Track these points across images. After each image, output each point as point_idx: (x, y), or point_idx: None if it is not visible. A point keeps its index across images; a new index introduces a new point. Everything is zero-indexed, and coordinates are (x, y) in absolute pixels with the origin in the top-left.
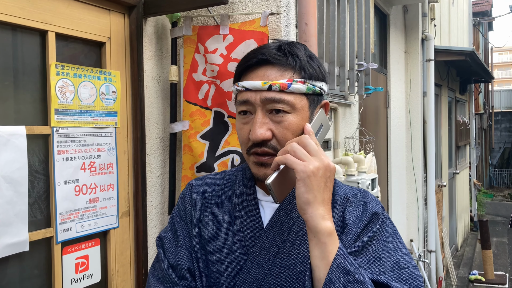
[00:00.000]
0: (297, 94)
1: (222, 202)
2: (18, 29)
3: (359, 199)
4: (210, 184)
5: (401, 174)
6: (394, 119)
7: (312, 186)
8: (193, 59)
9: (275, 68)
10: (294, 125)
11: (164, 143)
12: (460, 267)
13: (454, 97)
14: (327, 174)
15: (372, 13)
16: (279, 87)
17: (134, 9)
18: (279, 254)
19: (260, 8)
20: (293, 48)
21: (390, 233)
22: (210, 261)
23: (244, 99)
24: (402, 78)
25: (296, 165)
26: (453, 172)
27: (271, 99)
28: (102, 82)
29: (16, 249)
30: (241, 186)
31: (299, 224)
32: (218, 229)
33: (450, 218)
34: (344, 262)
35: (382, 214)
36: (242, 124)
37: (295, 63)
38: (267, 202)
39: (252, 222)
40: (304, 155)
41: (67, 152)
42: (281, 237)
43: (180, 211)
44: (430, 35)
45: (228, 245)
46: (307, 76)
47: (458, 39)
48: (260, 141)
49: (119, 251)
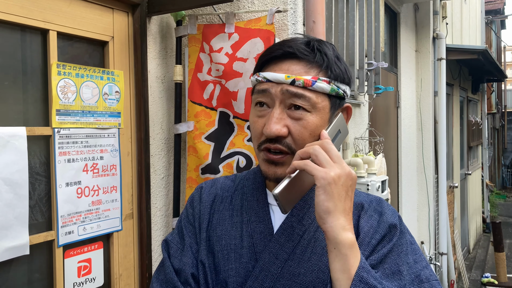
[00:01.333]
0: (319, 93)
1: (232, 206)
2: (18, 28)
3: (375, 208)
4: (220, 187)
5: (411, 175)
6: (405, 119)
7: (333, 194)
8: (198, 58)
9: (301, 64)
10: (312, 125)
11: (169, 144)
12: (472, 270)
13: (466, 96)
14: (348, 182)
15: (382, 11)
16: (302, 83)
17: (138, 8)
18: (288, 261)
19: (266, 5)
20: (322, 46)
21: (409, 244)
22: (218, 267)
23: (263, 88)
24: (413, 78)
25: (317, 172)
26: (465, 173)
27: (292, 93)
28: (105, 82)
29: (16, 252)
30: (251, 190)
31: (311, 231)
32: (227, 233)
33: (462, 220)
34: (366, 276)
35: (400, 225)
36: (257, 117)
37: (323, 61)
38: (277, 206)
39: (262, 227)
40: (326, 160)
41: (68, 153)
42: (291, 244)
43: (188, 214)
44: (442, 34)
45: (237, 250)
46: (333, 76)
47: (470, 38)
48: (275, 137)
49: (122, 254)
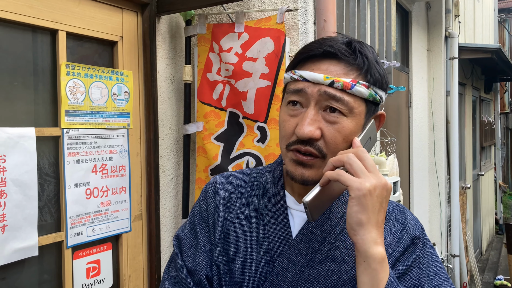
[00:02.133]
0: (357, 98)
1: (248, 205)
2: (27, 28)
3: (397, 217)
4: (236, 183)
5: (423, 176)
6: (416, 119)
7: (367, 206)
8: (207, 58)
9: (341, 65)
10: (347, 130)
11: (178, 144)
12: (485, 272)
13: (478, 96)
14: (383, 194)
15: (393, 10)
16: (341, 85)
17: (147, 7)
18: (307, 269)
19: (276, 4)
20: (363, 48)
21: (430, 256)
22: (233, 269)
23: (299, 88)
24: (425, 77)
25: (352, 182)
26: (477, 174)
27: (330, 95)
28: (114, 82)
29: (26, 254)
30: (269, 189)
31: (331, 239)
32: (243, 235)
33: (474, 221)
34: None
35: (423, 236)
36: (289, 116)
37: (363, 63)
38: (297, 211)
39: (280, 231)
40: (361, 170)
41: (77, 154)
42: (310, 251)
43: (201, 210)
44: (454, 32)
45: (253, 254)
46: (372, 81)
47: (483, 36)
48: (307, 138)
49: (131, 255)
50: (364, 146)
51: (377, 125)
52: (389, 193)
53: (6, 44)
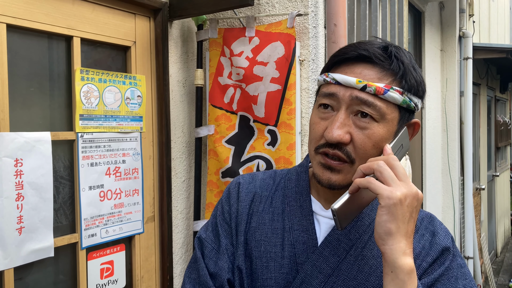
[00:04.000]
0: (390, 104)
1: (272, 208)
2: (43, 35)
3: (426, 226)
4: (260, 185)
5: (436, 177)
6: (429, 120)
7: (397, 215)
8: (218, 62)
9: (375, 69)
10: (378, 136)
11: (190, 147)
12: (500, 274)
13: (493, 96)
14: (414, 203)
15: (405, 11)
16: (374, 90)
17: (159, 12)
18: (332, 277)
19: (287, 9)
20: (399, 53)
21: (459, 268)
22: (255, 274)
23: (331, 91)
24: (438, 78)
25: (382, 190)
26: (492, 175)
27: (362, 100)
28: (127, 86)
29: (42, 255)
30: (294, 193)
31: (358, 247)
32: (267, 240)
33: (489, 223)
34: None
35: (453, 248)
36: (320, 118)
37: (398, 69)
38: (323, 217)
39: (305, 237)
40: (391, 178)
41: (92, 157)
42: (336, 258)
43: (224, 212)
44: (468, 32)
45: (277, 259)
46: (406, 87)
47: (499, 36)
48: (336, 142)
49: (144, 256)
50: (396, 154)
51: (410, 133)
52: (419, 203)
53: (23, 51)
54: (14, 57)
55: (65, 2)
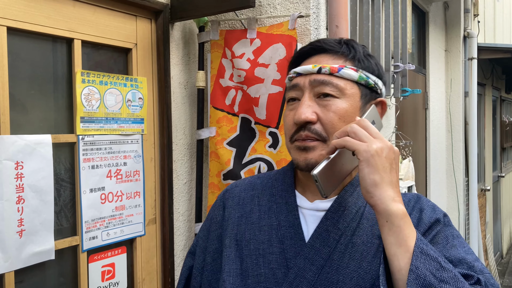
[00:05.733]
0: (347, 80)
1: (259, 207)
2: (44, 38)
3: (413, 205)
4: (245, 188)
5: (441, 178)
6: (434, 121)
7: (377, 166)
8: (220, 64)
9: (329, 55)
10: (341, 110)
11: (191, 149)
12: (505, 276)
13: (499, 96)
14: (391, 155)
15: (409, 11)
16: (329, 70)
17: (160, 14)
18: (325, 268)
19: (288, 10)
20: (351, 41)
21: (455, 238)
22: (246, 272)
23: (294, 83)
24: (442, 78)
25: (358, 145)
26: (497, 175)
27: (319, 81)
28: (129, 89)
29: (42, 257)
30: (280, 191)
31: (347, 235)
32: (255, 238)
33: (494, 224)
34: (426, 248)
35: (444, 219)
36: (289, 111)
37: (349, 51)
38: (308, 210)
39: (292, 232)
40: (365, 136)
41: (92, 160)
42: (327, 249)
43: (211, 221)
44: (473, 32)
45: (266, 256)
46: (361, 66)
47: (504, 36)
48: (303, 122)
49: (145, 259)
50: None
51: (380, 112)
52: (397, 156)
53: (23, 54)
54: (15, 60)
55: (66, 5)
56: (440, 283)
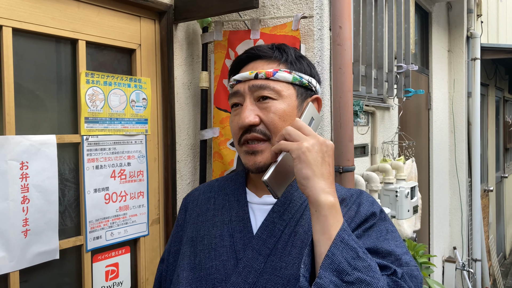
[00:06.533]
0: (283, 83)
1: (214, 206)
2: (49, 38)
3: (354, 200)
4: (204, 190)
5: (443, 179)
6: (437, 121)
7: (309, 161)
8: (223, 64)
9: (263, 61)
10: (280, 110)
11: (195, 150)
12: (508, 277)
13: (502, 96)
14: (323, 149)
15: (412, 12)
16: (264, 75)
17: (164, 15)
18: (271, 256)
19: (292, 11)
20: (282, 46)
21: (390, 233)
22: (199, 265)
23: (235, 90)
24: (445, 78)
25: (290, 145)
26: (500, 176)
27: (257, 85)
28: (133, 89)
29: (47, 257)
30: (233, 190)
31: (291, 226)
32: (209, 233)
33: (497, 224)
34: (347, 238)
35: (380, 214)
36: (233, 116)
37: (282, 56)
38: (257, 204)
39: (241, 226)
40: (298, 135)
41: (97, 160)
42: (273, 239)
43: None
44: (476, 33)
45: (217, 249)
46: (294, 68)
47: (508, 36)
48: (248, 125)
49: (149, 258)
50: (309, 125)
51: (317, 107)
52: (330, 149)
53: (28, 54)
54: (20, 61)
55: (70, 6)
56: (353, 271)
